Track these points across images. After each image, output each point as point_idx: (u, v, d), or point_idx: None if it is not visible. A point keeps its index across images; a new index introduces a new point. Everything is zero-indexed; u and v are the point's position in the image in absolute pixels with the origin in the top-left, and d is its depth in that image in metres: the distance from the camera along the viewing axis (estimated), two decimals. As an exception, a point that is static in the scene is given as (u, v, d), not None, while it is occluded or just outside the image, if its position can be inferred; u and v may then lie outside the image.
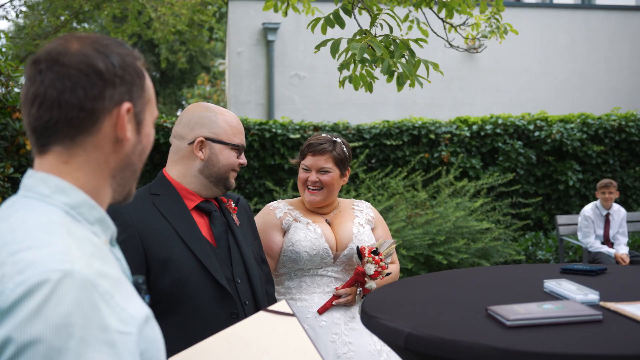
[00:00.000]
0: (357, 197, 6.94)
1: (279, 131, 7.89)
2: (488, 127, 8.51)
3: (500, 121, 8.60)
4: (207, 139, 2.13)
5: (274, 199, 7.45)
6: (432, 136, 8.27)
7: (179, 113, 18.88)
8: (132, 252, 1.93)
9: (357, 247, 2.58)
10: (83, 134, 1.04)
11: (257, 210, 7.31)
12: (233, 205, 2.27)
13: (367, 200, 6.83)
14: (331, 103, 10.81)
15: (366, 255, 2.55)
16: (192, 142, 2.12)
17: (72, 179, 1.05)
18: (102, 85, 1.04)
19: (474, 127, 8.52)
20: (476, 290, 2.11)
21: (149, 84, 1.12)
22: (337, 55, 2.96)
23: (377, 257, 2.55)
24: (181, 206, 2.09)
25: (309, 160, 2.64)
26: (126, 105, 1.06)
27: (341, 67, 3.09)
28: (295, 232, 2.61)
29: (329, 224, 2.69)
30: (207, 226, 2.14)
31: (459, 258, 6.47)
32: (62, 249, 0.93)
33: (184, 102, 23.04)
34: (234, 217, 2.24)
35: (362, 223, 2.72)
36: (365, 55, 2.92)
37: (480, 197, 7.50)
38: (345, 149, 2.68)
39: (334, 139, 2.68)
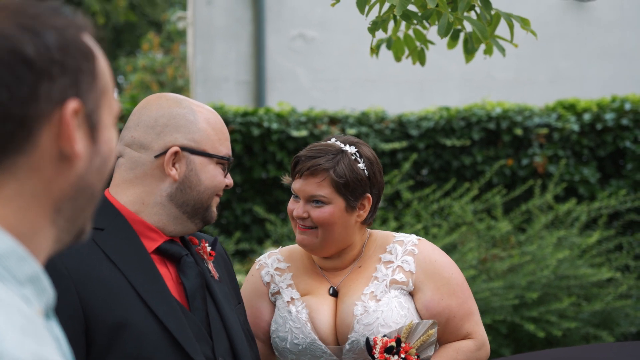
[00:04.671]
0: (399, 229, 6.34)
1: (275, 125, 7.17)
2: (608, 116, 7.52)
3: (628, 106, 7.52)
4: (184, 149, 2.00)
5: (266, 235, 6.91)
6: (519, 131, 7.41)
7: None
8: (67, 316, 1.76)
9: (367, 340, 2.29)
10: (12, 154, 0.96)
11: (240, 254, 6.87)
12: (209, 248, 2.13)
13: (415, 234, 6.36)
14: (357, 80, 10.11)
15: (377, 354, 2.26)
16: (162, 154, 1.98)
17: None
18: (34, 80, 0.95)
19: (586, 117, 7.55)
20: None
21: (101, 65, 1.02)
22: (366, 10, 2.69)
23: (394, 358, 2.25)
24: (137, 248, 1.97)
25: (296, 184, 2.41)
26: (72, 104, 0.97)
27: (373, 27, 2.77)
28: (276, 314, 2.45)
29: (335, 293, 2.42)
30: (175, 279, 2.02)
31: (564, 328, 5.95)
32: None
33: (121, 80, 20.22)
34: (211, 267, 2.13)
35: (382, 288, 2.37)
36: (412, 7, 2.68)
37: (596, 228, 6.84)
38: (358, 165, 2.37)
39: (343, 146, 2.38)
